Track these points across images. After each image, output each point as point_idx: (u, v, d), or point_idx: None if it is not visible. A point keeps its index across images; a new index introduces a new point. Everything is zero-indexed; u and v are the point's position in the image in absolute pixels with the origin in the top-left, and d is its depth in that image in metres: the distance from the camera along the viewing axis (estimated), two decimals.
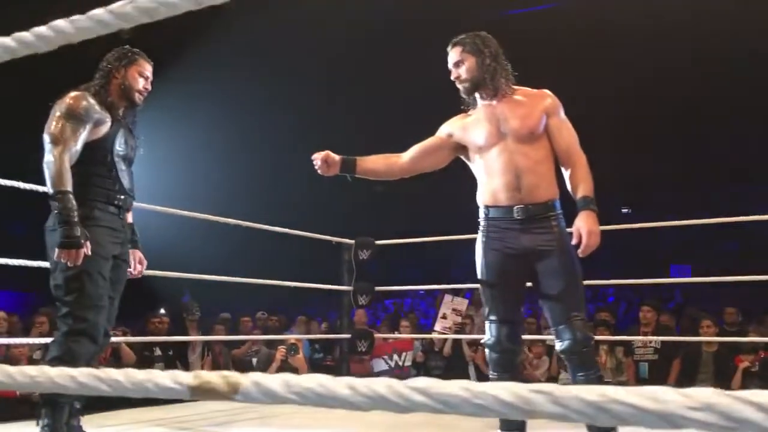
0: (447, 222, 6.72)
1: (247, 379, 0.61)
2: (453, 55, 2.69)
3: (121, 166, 2.74)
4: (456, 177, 3.11)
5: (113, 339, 4.78)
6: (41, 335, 5.26)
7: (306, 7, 9.28)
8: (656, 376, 5.84)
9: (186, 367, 6.32)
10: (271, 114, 11.39)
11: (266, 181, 11.89)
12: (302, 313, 8.23)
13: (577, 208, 2.53)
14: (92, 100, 2.63)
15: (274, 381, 0.60)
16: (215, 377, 0.62)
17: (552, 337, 2.66)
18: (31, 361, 5.23)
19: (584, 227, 2.46)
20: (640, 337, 5.87)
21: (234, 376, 0.62)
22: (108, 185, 2.69)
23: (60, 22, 0.76)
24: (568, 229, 2.57)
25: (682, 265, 9.25)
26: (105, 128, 2.68)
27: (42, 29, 0.77)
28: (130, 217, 2.90)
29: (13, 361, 5.27)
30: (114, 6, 0.73)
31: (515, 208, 2.55)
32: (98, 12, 0.74)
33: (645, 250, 10.45)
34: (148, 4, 0.70)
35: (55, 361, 2.54)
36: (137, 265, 2.94)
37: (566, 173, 2.63)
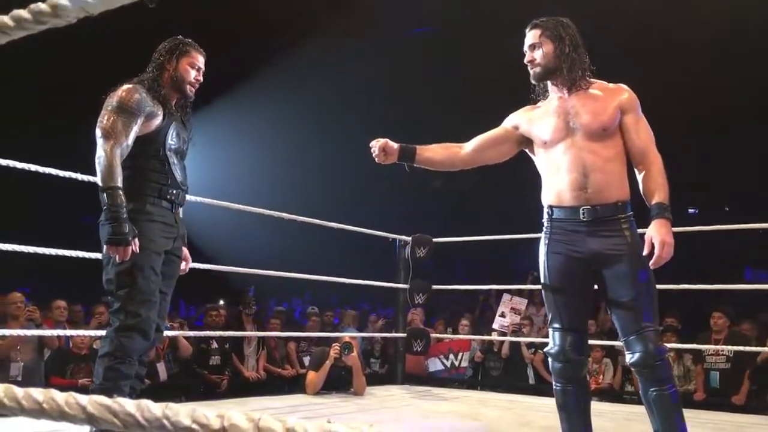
0: (505, 219, 6.57)
1: None
2: (530, 36, 2.51)
3: (174, 160, 2.69)
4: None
5: (170, 333, 4.83)
6: (100, 325, 5.34)
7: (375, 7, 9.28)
8: (728, 387, 5.54)
9: (241, 360, 6.35)
10: (334, 112, 11.43)
11: (325, 177, 11.93)
12: (357, 309, 8.19)
13: (651, 215, 2.34)
14: (144, 93, 2.59)
15: None
16: None
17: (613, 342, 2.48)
18: (92, 351, 5.31)
19: (657, 237, 2.27)
20: (709, 346, 5.57)
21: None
22: (160, 179, 2.65)
23: None
24: (640, 230, 2.39)
25: (758, 271, 8.77)
26: (157, 121, 2.64)
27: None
28: (179, 212, 2.86)
29: (74, 350, 5.38)
30: None
31: (582, 209, 2.37)
32: None
33: (716, 253, 10.00)
34: None
35: (106, 357, 2.52)
36: (182, 261, 2.89)
37: (640, 176, 2.43)
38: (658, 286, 2.41)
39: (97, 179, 2.48)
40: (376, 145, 2.62)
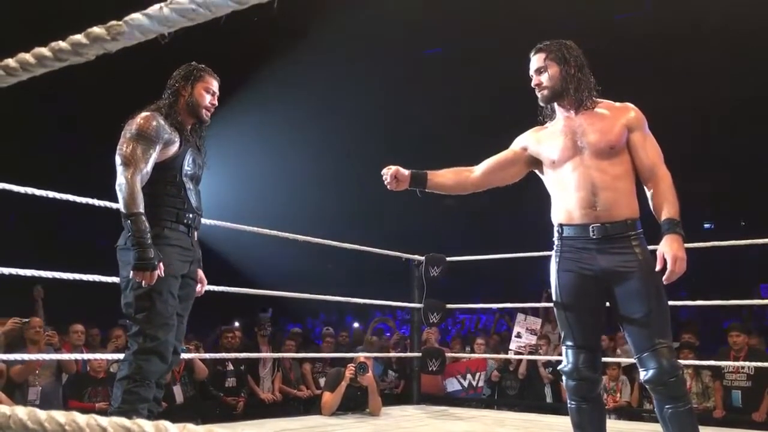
0: (518, 238, 6.56)
1: None
2: (536, 60, 2.55)
3: (189, 186, 2.74)
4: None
5: (186, 355, 4.84)
6: (117, 349, 5.36)
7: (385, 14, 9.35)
8: (749, 405, 5.44)
9: (257, 381, 6.35)
10: (344, 132, 11.50)
11: (338, 198, 11.97)
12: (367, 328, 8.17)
13: (662, 231, 2.35)
14: (162, 120, 2.63)
15: None
16: None
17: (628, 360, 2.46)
18: (109, 374, 5.33)
19: (669, 252, 2.27)
20: (728, 362, 5.49)
21: None
22: (177, 204, 2.69)
23: (95, 29, 0.69)
24: (651, 247, 2.39)
25: None
26: (174, 148, 2.68)
27: (78, 37, 0.71)
28: (195, 235, 2.89)
29: (91, 374, 5.40)
30: (151, 10, 0.66)
31: (591, 226, 2.39)
32: (136, 16, 0.67)
33: (731, 268, 9.92)
34: (186, 5, 0.63)
35: (125, 380, 2.54)
36: (197, 284, 2.91)
37: (649, 193, 2.44)
38: (674, 303, 2.41)
39: (120, 206, 2.52)
40: (387, 172, 2.65)
